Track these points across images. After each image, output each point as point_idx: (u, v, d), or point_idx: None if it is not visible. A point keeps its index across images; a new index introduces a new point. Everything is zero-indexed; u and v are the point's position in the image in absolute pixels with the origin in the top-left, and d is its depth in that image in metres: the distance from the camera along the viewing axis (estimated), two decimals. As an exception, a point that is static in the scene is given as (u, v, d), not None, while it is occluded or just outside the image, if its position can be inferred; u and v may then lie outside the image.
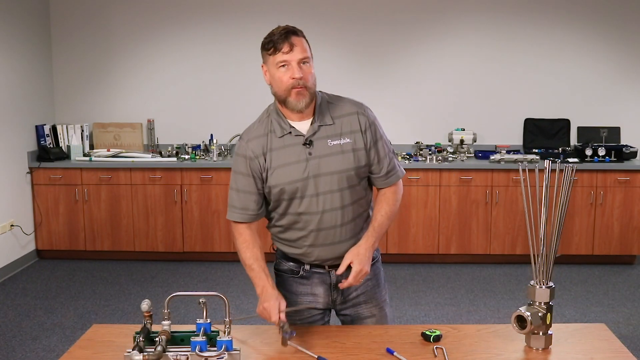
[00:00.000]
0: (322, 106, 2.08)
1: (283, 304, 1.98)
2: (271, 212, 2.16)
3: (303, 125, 2.06)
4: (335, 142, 2.05)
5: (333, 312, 2.29)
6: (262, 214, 2.15)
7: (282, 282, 2.22)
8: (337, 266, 2.09)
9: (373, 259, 2.21)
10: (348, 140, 2.06)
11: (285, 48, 1.95)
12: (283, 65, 1.97)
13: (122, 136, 5.77)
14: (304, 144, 2.04)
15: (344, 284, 2.05)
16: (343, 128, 2.07)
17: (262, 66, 2.06)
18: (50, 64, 5.80)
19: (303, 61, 1.98)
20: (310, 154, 2.04)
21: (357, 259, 2.03)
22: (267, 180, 2.07)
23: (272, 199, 2.11)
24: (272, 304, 1.97)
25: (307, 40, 2.02)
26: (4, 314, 4.29)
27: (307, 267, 2.17)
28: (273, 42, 1.96)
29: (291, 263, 2.20)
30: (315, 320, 2.22)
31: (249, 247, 2.11)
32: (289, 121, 2.06)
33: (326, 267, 2.16)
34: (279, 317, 1.94)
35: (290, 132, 2.05)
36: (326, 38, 5.68)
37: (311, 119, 2.07)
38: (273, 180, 2.06)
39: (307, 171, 2.04)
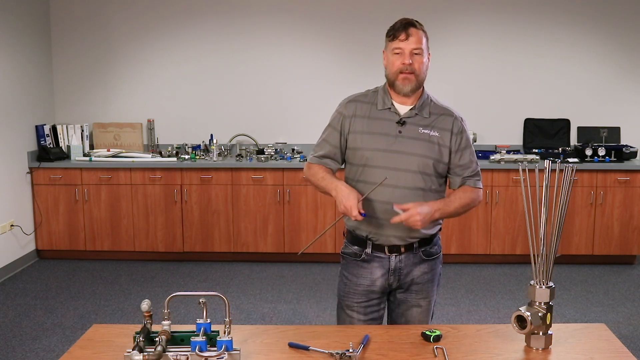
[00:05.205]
0: (425, 100, 2.28)
1: (359, 196, 2.14)
2: (349, 179, 2.29)
3: (403, 108, 2.26)
4: (425, 131, 2.23)
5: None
6: (335, 168, 2.34)
7: (345, 265, 2.37)
8: (396, 249, 2.24)
9: (433, 255, 2.32)
10: (437, 134, 2.24)
11: (402, 37, 2.19)
12: (397, 53, 2.20)
13: (122, 136, 5.77)
14: (398, 122, 2.23)
15: (394, 219, 2.11)
16: (436, 123, 2.26)
17: (383, 52, 2.28)
18: (50, 64, 5.80)
19: (415, 51, 2.20)
20: (400, 132, 2.22)
21: (417, 205, 2.11)
22: (350, 141, 2.26)
23: (352, 162, 2.26)
24: (352, 202, 2.09)
25: (426, 35, 2.25)
26: (4, 314, 4.29)
27: (368, 250, 2.28)
28: (393, 31, 2.21)
29: (355, 247, 2.32)
30: (373, 305, 2.31)
31: (321, 168, 2.30)
32: (392, 100, 2.26)
33: (386, 251, 2.26)
34: (359, 212, 2.09)
35: (389, 108, 2.25)
36: (326, 38, 5.68)
37: (412, 106, 2.26)
38: (358, 143, 2.23)
39: (393, 145, 2.18)
